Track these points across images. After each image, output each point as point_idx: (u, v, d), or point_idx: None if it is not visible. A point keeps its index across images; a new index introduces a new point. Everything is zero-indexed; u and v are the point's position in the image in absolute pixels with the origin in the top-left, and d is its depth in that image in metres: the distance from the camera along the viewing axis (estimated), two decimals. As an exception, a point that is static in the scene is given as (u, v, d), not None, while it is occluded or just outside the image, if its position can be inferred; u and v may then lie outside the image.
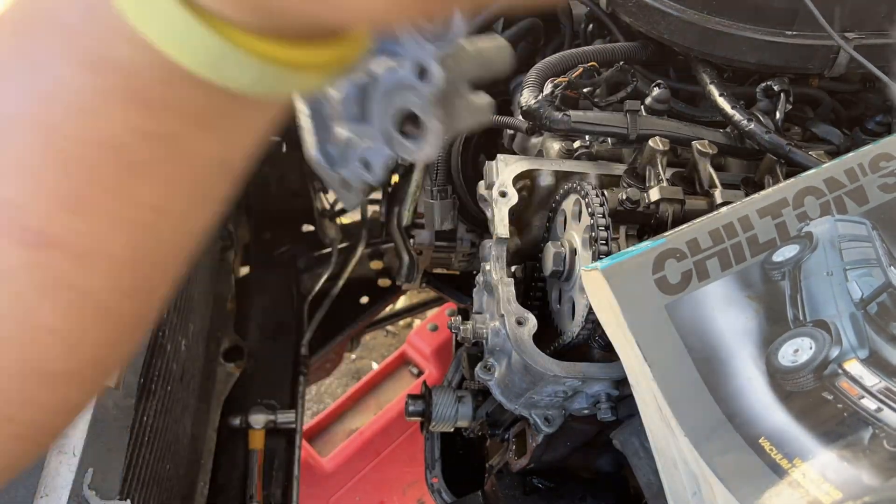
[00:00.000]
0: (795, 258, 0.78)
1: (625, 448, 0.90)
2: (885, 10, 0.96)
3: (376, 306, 2.10)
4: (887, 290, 0.77)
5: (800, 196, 0.80)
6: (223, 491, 1.50)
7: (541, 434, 0.97)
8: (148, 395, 0.89)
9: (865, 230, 0.80)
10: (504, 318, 0.87)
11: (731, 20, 0.99)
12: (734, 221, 0.77)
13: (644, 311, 0.72)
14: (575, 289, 0.90)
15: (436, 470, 1.41)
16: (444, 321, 2.58)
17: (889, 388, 0.70)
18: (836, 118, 1.11)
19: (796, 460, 0.65)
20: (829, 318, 0.75)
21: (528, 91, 1.00)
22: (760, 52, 0.98)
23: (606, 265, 0.73)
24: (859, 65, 0.94)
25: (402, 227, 1.65)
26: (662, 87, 1.02)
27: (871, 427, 0.67)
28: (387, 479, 2.32)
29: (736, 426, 0.68)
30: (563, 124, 0.97)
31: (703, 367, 0.71)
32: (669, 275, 0.74)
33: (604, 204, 0.86)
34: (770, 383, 0.71)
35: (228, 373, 1.64)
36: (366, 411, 2.58)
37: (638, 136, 0.98)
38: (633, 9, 1.07)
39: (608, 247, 0.84)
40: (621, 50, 1.10)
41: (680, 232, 0.76)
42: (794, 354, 0.73)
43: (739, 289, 0.75)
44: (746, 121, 0.96)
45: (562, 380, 0.85)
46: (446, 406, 1.19)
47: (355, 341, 2.23)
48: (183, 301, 1.09)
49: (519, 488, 1.15)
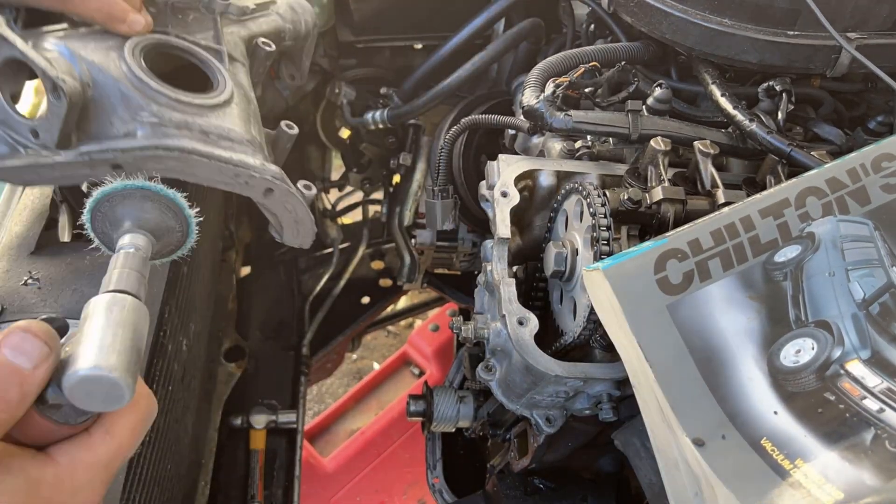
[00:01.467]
0: (797, 258, 0.78)
1: (626, 448, 0.90)
2: (886, 10, 0.96)
3: (377, 306, 2.10)
4: (889, 290, 0.77)
5: (802, 196, 0.80)
6: (224, 491, 1.50)
7: (542, 434, 0.97)
8: (149, 395, 0.89)
9: (867, 230, 0.80)
10: (505, 318, 0.87)
11: (733, 20, 0.99)
12: (736, 222, 0.77)
13: (646, 311, 0.72)
14: (576, 289, 0.90)
15: (437, 470, 1.41)
16: (445, 321, 2.58)
17: (891, 389, 0.70)
18: (837, 118, 1.11)
19: (798, 461, 0.65)
20: (831, 318, 0.75)
21: (530, 91, 1.00)
22: (762, 52, 0.98)
23: (608, 265, 0.73)
24: (861, 65, 0.94)
25: (404, 228, 1.65)
26: (664, 87, 1.02)
27: (874, 428, 0.67)
28: (388, 479, 2.32)
29: (738, 427, 0.68)
30: (564, 124, 0.97)
31: (705, 368, 0.71)
32: (671, 275, 0.74)
33: (605, 204, 0.86)
34: (772, 384, 0.71)
35: (230, 373, 1.64)
36: (367, 411, 2.59)
37: (640, 136, 0.97)
38: (635, 9, 1.07)
39: (610, 247, 0.83)
40: (623, 50, 1.10)
41: (682, 232, 0.76)
42: (796, 355, 0.73)
43: (741, 289, 0.75)
44: (748, 121, 0.96)
45: (563, 380, 0.85)
46: (448, 406, 1.19)
47: (356, 341, 2.23)
48: (184, 301, 1.09)
49: (520, 488, 1.15)
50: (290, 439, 1.63)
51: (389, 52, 1.68)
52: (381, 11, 1.55)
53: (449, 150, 1.23)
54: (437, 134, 1.50)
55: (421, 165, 1.60)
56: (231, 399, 1.61)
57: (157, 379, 0.95)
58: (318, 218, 2.03)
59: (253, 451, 1.57)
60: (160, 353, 0.95)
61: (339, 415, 2.56)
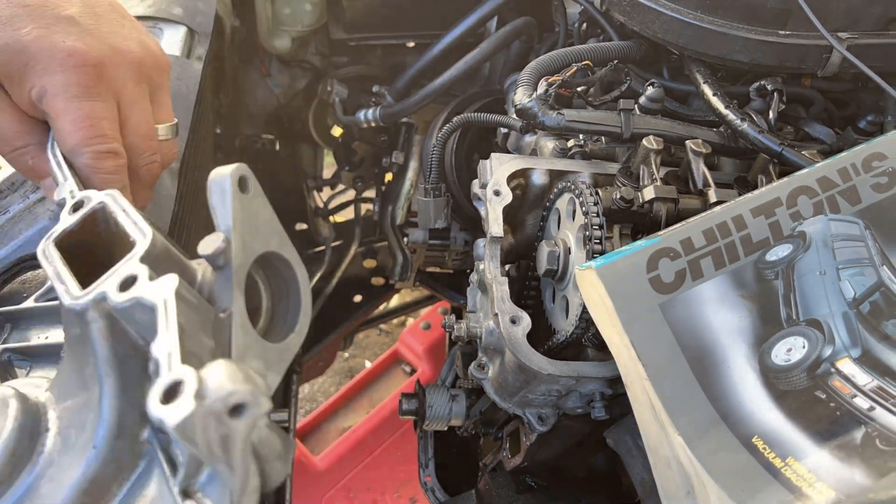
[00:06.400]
0: (789, 257, 0.78)
1: (618, 446, 0.91)
2: (878, 10, 0.97)
3: (370, 305, 2.10)
4: (879, 289, 0.78)
5: (793, 195, 0.80)
6: (216, 490, 1.49)
7: (534, 433, 0.98)
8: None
9: (858, 230, 0.80)
10: (498, 316, 0.87)
11: (725, 19, 0.99)
12: (728, 221, 0.78)
13: (638, 310, 0.72)
14: (569, 288, 0.90)
15: (429, 469, 1.41)
16: (436, 319, 2.58)
17: (881, 387, 0.70)
18: (827, 118, 1.12)
19: (789, 459, 0.65)
20: (821, 317, 0.76)
21: (523, 90, 1.00)
22: (754, 52, 0.98)
23: (601, 264, 0.73)
24: (852, 64, 0.94)
25: (396, 226, 1.65)
26: (656, 86, 1.02)
27: (864, 426, 0.67)
28: (379, 477, 2.32)
29: (729, 425, 0.68)
30: (557, 123, 0.97)
31: (697, 367, 0.72)
32: (663, 274, 0.74)
33: (598, 203, 0.86)
34: (764, 382, 0.71)
35: (221, 371, 1.63)
36: (358, 410, 2.58)
37: (632, 135, 0.98)
38: (628, 8, 1.07)
39: (602, 246, 0.84)
40: (615, 49, 1.10)
41: (674, 231, 0.76)
42: (788, 353, 0.73)
43: (733, 288, 0.75)
44: (740, 120, 0.96)
45: (556, 379, 0.85)
46: (440, 405, 1.19)
47: (349, 340, 2.23)
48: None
49: (512, 487, 1.15)
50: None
51: (381, 50, 1.68)
52: (374, 9, 1.55)
53: (441, 148, 1.23)
54: (429, 132, 1.50)
55: (413, 164, 1.60)
56: (223, 397, 1.60)
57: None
58: (310, 216, 2.03)
59: (245, 450, 1.56)
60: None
61: (331, 413, 2.56)
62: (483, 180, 0.99)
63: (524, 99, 0.99)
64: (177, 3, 1.13)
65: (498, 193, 0.95)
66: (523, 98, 0.99)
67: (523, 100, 0.99)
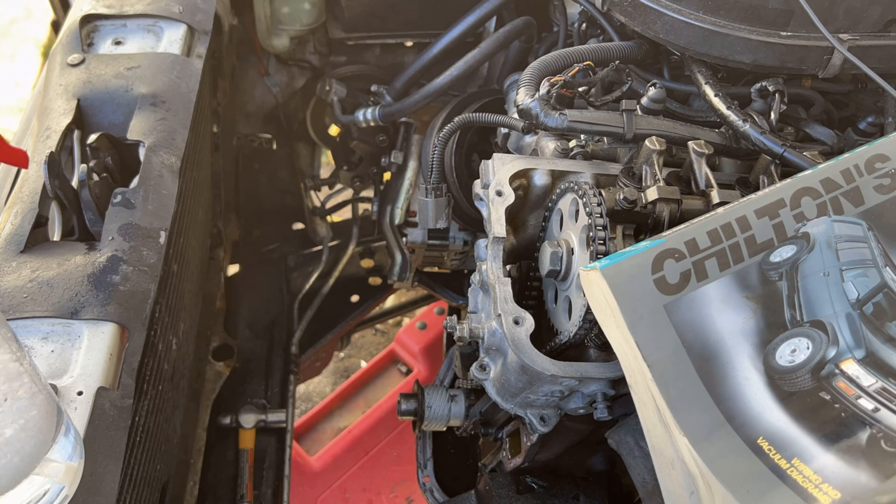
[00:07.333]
0: (793, 258, 0.78)
1: (620, 447, 0.90)
2: (879, 11, 0.97)
3: (367, 305, 2.09)
4: (883, 290, 0.78)
5: (797, 197, 0.80)
6: (213, 491, 1.49)
7: (536, 433, 0.97)
8: (140, 395, 0.88)
9: (861, 231, 0.80)
10: (501, 317, 0.87)
11: (727, 20, 0.99)
12: (732, 222, 0.77)
13: (643, 311, 0.72)
14: (572, 288, 0.90)
15: (428, 469, 1.41)
16: (432, 319, 2.57)
17: (886, 388, 0.70)
18: (828, 119, 1.12)
19: (795, 461, 0.65)
20: (825, 318, 0.76)
21: (525, 90, 1.00)
22: (755, 53, 0.98)
23: (605, 265, 0.73)
24: (852, 66, 0.94)
25: (395, 226, 1.64)
26: (658, 86, 1.02)
27: (869, 427, 0.67)
28: (375, 477, 2.31)
29: (735, 427, 0.68)
30: (560, 123, 0.97)
31: (702, 368, 0.71)
32: (668, 275, 0.74)
33: (601, 203, 0.86)
34: (768, 384, 0.71)
35: (218, 372, 1.63)
36: (354, 410, 2.57)
37: (634, 136, 0.97)
38: (629, 8, 1.07)
39: (606, 247, 0.83)
40: (617, 49, 1.10)
41: (678, 232, 0.76)
42: (792, 354, 0.73)
43: (738, 289, 0.75)
44: (742, 121, 0.96)
45: (559, 379, 0.85)
46: (439, 405, 1.19)
47: (345, 340, 2.23)
48: (174, 299, 1.08)
49: (512, 487, 1.15)
50: (279, 438, 1.62)
51: (380, 50, 1.68)
52: (372, 8, 1.55)
53: (442, 148, 1.23)
54: (429, 132, 1.50)
55: (412, 163, 1.60)
56: (219, 398, 1.60)
57: (148, 378, 0.94)
58: (307, 216, 2.02)
59: (242, 451, 1.56)
60: (151, 352, 0.94)
61: (327, 413, 2.55)
62: (485, 180, 0.99)
63: (526, 99, 0.98)
64: (177, 0, 1.12)
65: (500, 194, 0.95)
66: (525, 98, 0.98)
67: (525, 100, 0.98)
